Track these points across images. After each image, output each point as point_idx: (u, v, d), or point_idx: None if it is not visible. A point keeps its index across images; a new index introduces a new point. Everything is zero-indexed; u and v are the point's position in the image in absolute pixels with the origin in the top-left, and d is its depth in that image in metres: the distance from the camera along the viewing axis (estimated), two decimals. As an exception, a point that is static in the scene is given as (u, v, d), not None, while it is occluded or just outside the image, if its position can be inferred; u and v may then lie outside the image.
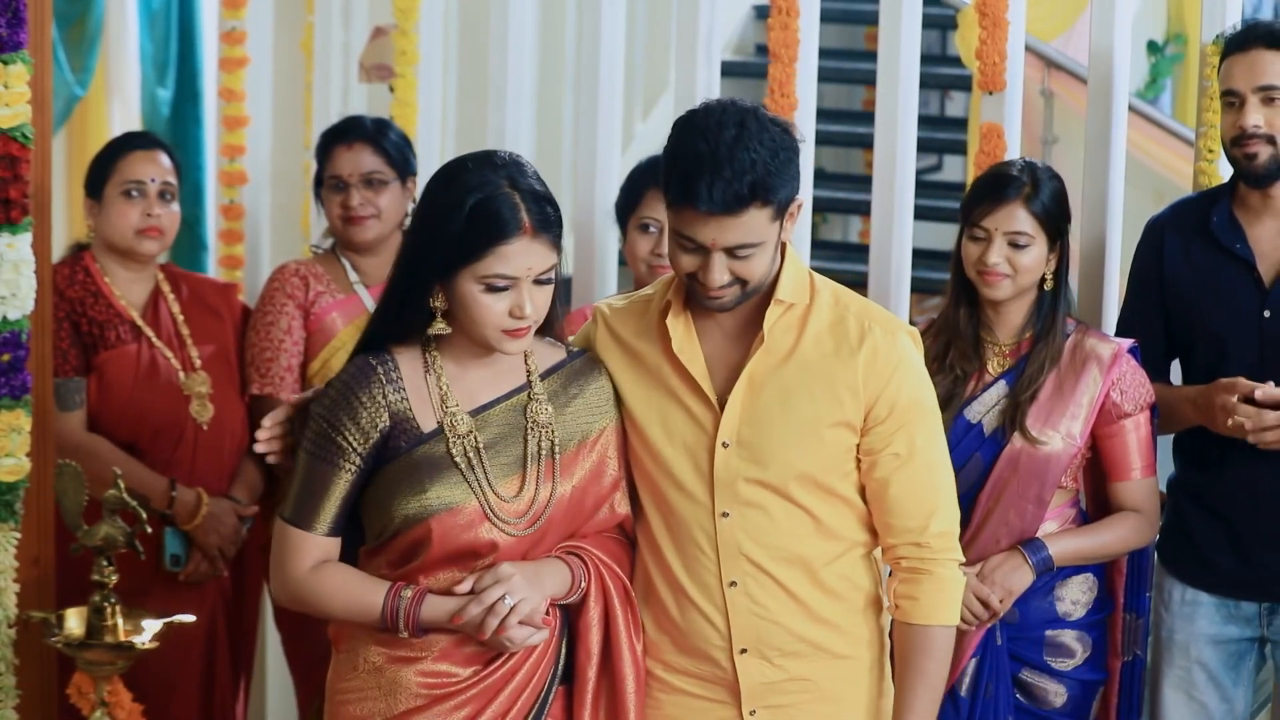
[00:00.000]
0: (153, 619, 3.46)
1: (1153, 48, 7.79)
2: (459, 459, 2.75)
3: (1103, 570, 3.46)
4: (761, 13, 7.35)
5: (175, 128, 5.31)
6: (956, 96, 8.13)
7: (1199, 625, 3.50)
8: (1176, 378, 3.61)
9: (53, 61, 3.71)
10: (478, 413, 2.79)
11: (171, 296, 4.08)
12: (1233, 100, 3.41)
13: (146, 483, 3.85)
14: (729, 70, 5.77)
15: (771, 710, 2.85)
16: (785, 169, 2.70)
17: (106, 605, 3.40)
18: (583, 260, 4.34)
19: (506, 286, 2.70)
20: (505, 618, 2.69)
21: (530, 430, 2.80)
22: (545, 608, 2.75)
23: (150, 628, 3.44)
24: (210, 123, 5.28)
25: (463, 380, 2.80)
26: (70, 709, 3.60)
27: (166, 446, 3.97)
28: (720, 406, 2.81)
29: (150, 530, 3.47)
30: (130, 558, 3.49)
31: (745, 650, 2.83)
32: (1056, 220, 3.37)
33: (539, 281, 2.72)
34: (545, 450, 2.80)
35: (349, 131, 4.10)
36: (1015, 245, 3.34)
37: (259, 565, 4.18)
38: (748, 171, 2.66)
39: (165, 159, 4.05)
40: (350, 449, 2.75)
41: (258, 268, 5.09)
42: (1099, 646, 3.44)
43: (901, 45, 3.98)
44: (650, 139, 6.46)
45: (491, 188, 2.70)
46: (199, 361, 4.03)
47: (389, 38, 4.86)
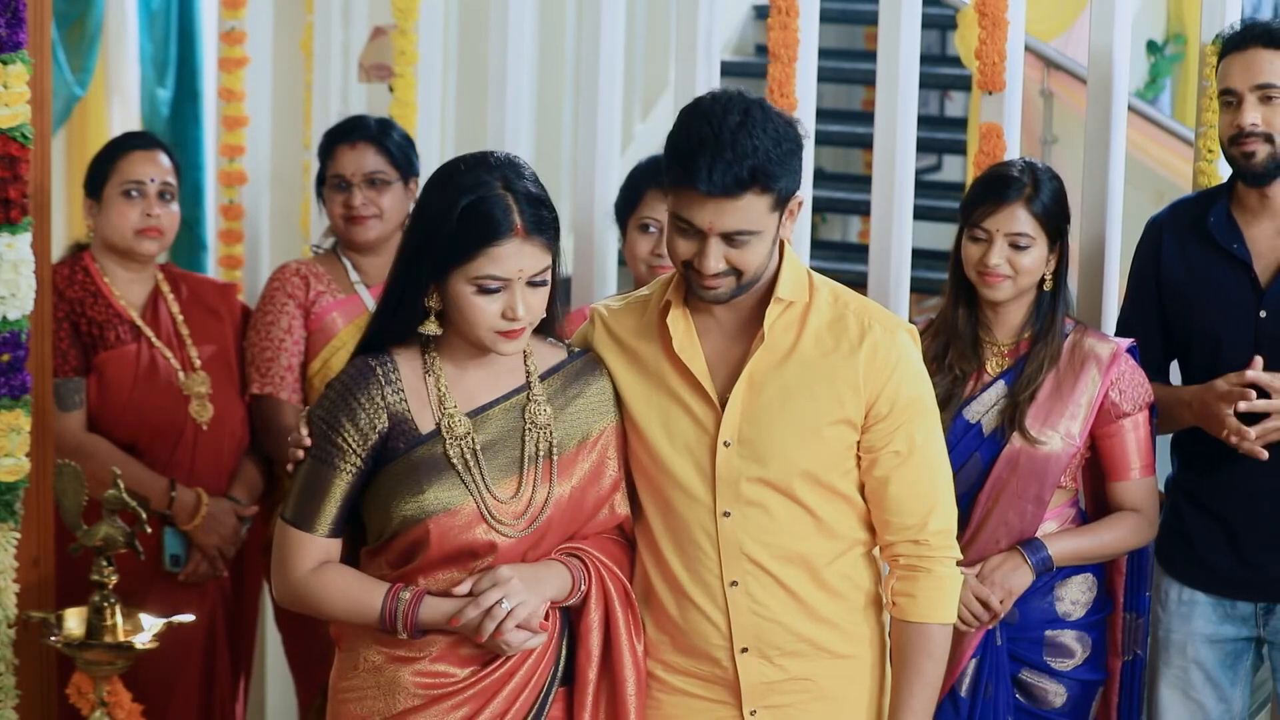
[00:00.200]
0: (152, 619, 3.46)
1: (1152, 47, 7.79)
2: (456, 460, 2.75)
3: (1102, 570, 3.46)
4: (761, 13, 7.35)
5: (175, 128, 5.32)
6: (956, 96, 8.14)
7: (1195, 625, 3.50)
8: (1176, 377, 3.61)
9: (52, 61, 3.71)
10: (477, 413, 2.79)
11: (171, 296, 4.08)
12: (1230, 99, 3.42)
13: (146, 483, 3.86)
14: (729, 70, 5.76)
15: (772, 710, 2.85)
16: (787, 160, 2.71)
17: (106, 605, 3.41)
18: (582, 260, 4.34)
19: (498, 288, 2.70)
20: (502, 621, 2.69)
21: (528, 431, 2.80)
22: (544, 611, 2.75)
23: (150, 628, 3.44)
24: (210, 123, 5.29)
25: (462, 381, 2.80)
26: (70, 709, 3.60)
27: (166, 446, 3.98)
28: (721, 406, 2.82)
29: (150, 530, 3.47)
30: (130, 558, 3.49)
31: (746, 650, 2.83)
32: (1057, 221, 3.37)
33: (532, 283, 2.72)
34: (543, 451, 2.80)
35: (352, 131, 4.10)
36: (1016, 246, 3.34)
37: (259, 565, 4.18)
38: (749, 156, 2.67)
39: (165, 159, 4.05)
40: (350, 450, 2.75)
41: (257, 268, 5.09)
42: (1098, 646, 3.44)
43: (901, 45, 3.98)
44: (650, 139, 6.46)
45: (484, 189, 2.70)
46: (198, 361, 4.03)
47: (388, 38, 4.86)
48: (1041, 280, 3.38)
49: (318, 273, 4.08)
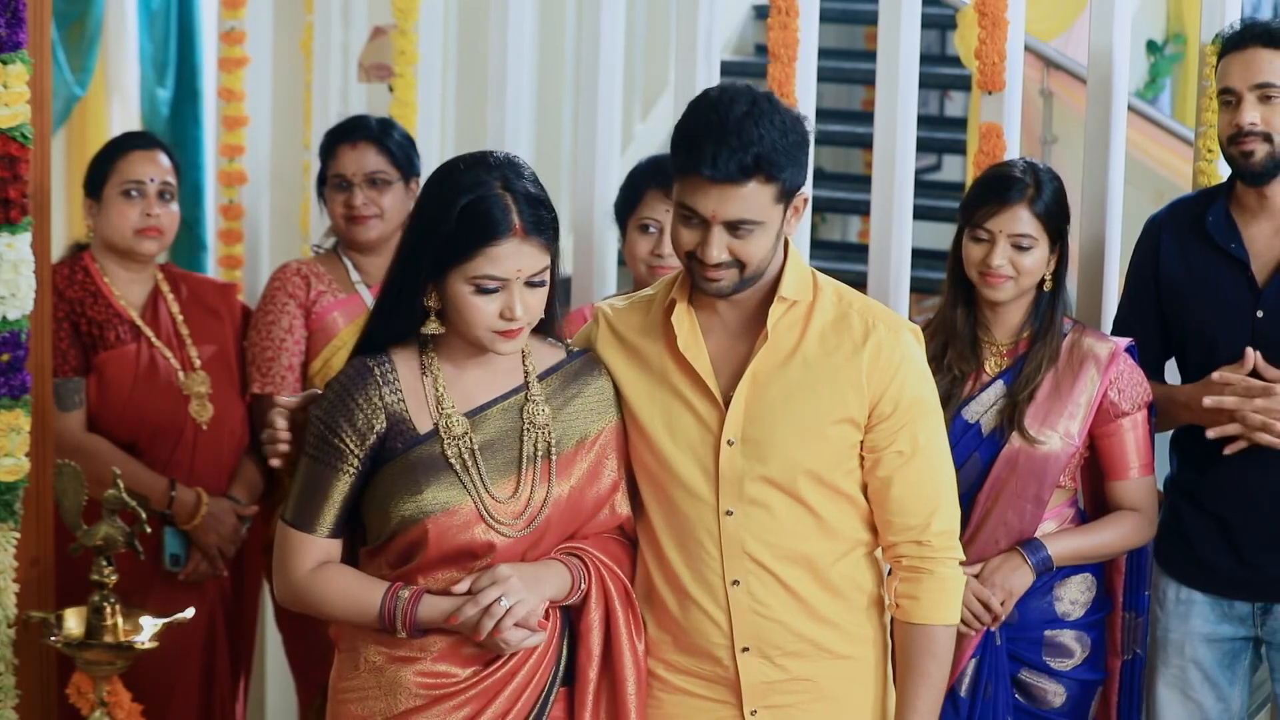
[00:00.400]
0: (152, 619, 3.46)
1: (1152, 47, 7.79)
2: (454, 460, 2.75)
3: (1101, 570, 3.46)
4: (761, 13, 7.35)
5: (174, 127, 5.32)
6: (956, 96, 8.13)
7: (1193, 624, 3.50)
8: (1173, 375, 3.61)
9: (52, 61, 3.70)
10: (475, 413, 2.79)
11: (171, 296, 4.08)
12: (1230, 99, 3.42)
13: (146, 483, 3.86)
14: (729, 70, 5.76)
15: (773, 710, 2.84)
16: (793, 152, 2.71)
17: (106, 605, 3.40)
18: (582, 260, 4.34)
19: (497, 288, 2.70)
20: (501, 620, 2.69)
21: (526, 431, 2.79)
22: (543, 610, 2.74)
23: (149, 627, 3.44)
24: (209, 122, 5.29)
25: (460, 381, 2.80)
26: (69, 709, 3.60)
27: (166, 446, 3.98)
28: (724, 404, 2.82)
29: (149, 530, 3.47)
30: (130, 557, 3.49)
31: (747, 649, 2.82)
32: (1058, 221, 3.37)
33: (530, 283, 2.72)
34: (541, 451, 2.79)
35: (353, 131, 4.10)
36: (1019, 247, 3.33)
37: (259, 565, 4.18)
38: (755, 144, 2.68)
39: (164, 159, 4.05)
40: (348, 451, 2.75)
41: (257, 268, 5.09)
42: (1098, 646, 3.44)
43: (901, 45, 3.98)
44: (650, 139, 6.47)
45: (483, 188, 2.70)
46: (198, 361, 4.03)
47: (388, 37, 4.86)
48: (1041, 280, 3.38)
49: (319, 272, 4.08)
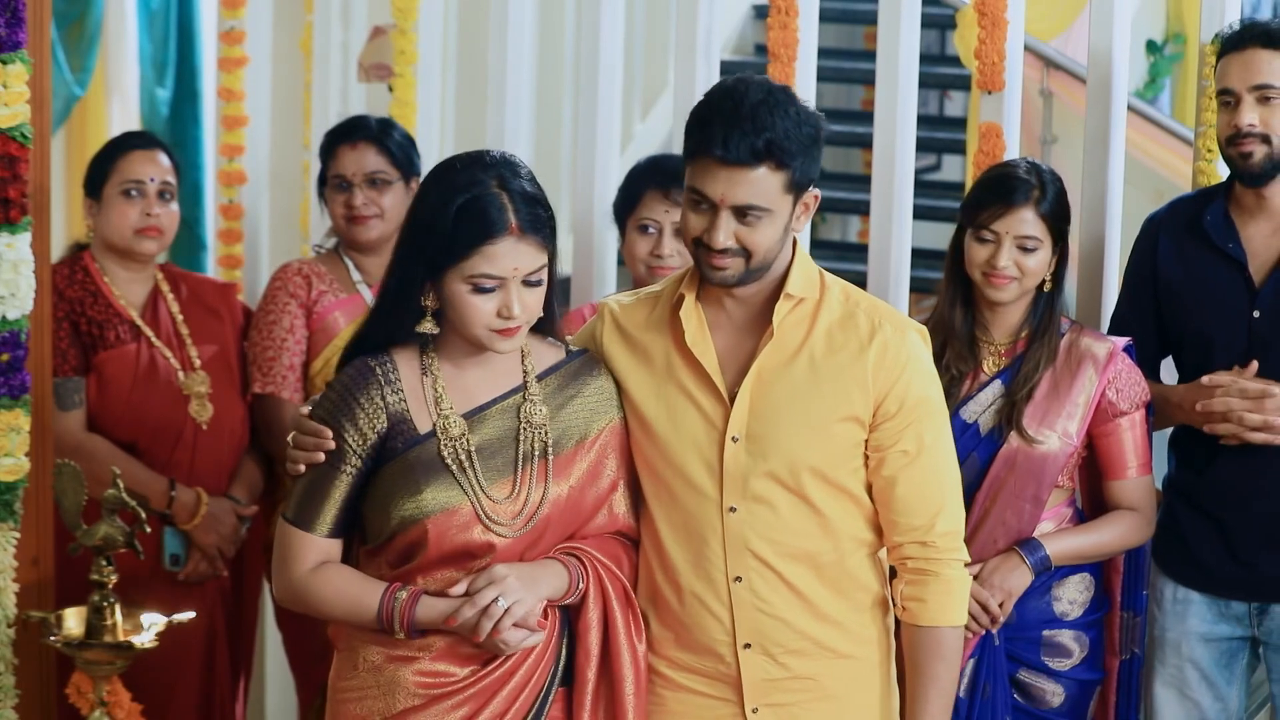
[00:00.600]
0: (152, 619, 3.46)
1: (1152, 47, 7.79)
2: (450, 461, 2.75)
3: (1099, 569, 3.46)
4: (761, 12, 7.35)
5: (174, 127, 5.32)
6: (956, 96, 8.13)
7: (1190, 624, 3.50)
8: (1169, 375, 3.61)
9: (52, 61, 3.71)
10: (474, 414, 2.79)
11: (171, 296, 4.08)
12: (1228, 99, 3.42)
13: (145, 482, 3.86)
14: (728, 70, 5.71)
15: (774, 708, 2.84)
16: (806, 144, 2.73)
17: (105, 605, 3.41)
18: (581, 260, 4.34)
19: (494, 287, 2.70)
20: (499, 620, 2.69)
21: (524, 431, 2.79)
22: (541, 610, 2.74)
23: (149, 627, 3.44)
24: (209, 122, 5.29)
25: (460, 381, 2.80)
26: (69, 709, 3.60)
27: (165, 446, 3.98)
28: (730, 401, 2.82)
29: (149, 530, 3.47)
30: (129, 557, 3.49)
31: (749, 646, 2.82)
32: (1061, 222, 3.37)
33: (528, 282, 2.72)
34: (538, 451, 2.79)
35: (353, 131, 4.10)
36: (1024, 249, 3.33)
37: (259, 565, 4.18)
38: (767, 129, 2.69)
39: (164, 158, 4.05)
40: (350, 451, 2.75)
41: (257, 267, 5.10)
42: (1096, 646, 3.44)
43: (901, 45, 3.98)
44: (650, 139, 6.47)
45: (479, 187, 2.70)
46: (198, 361, 4.03)
47: (388, 37, 4.86)
48: (1041, 280, 3.38)
49: (320, 272, 4.09)
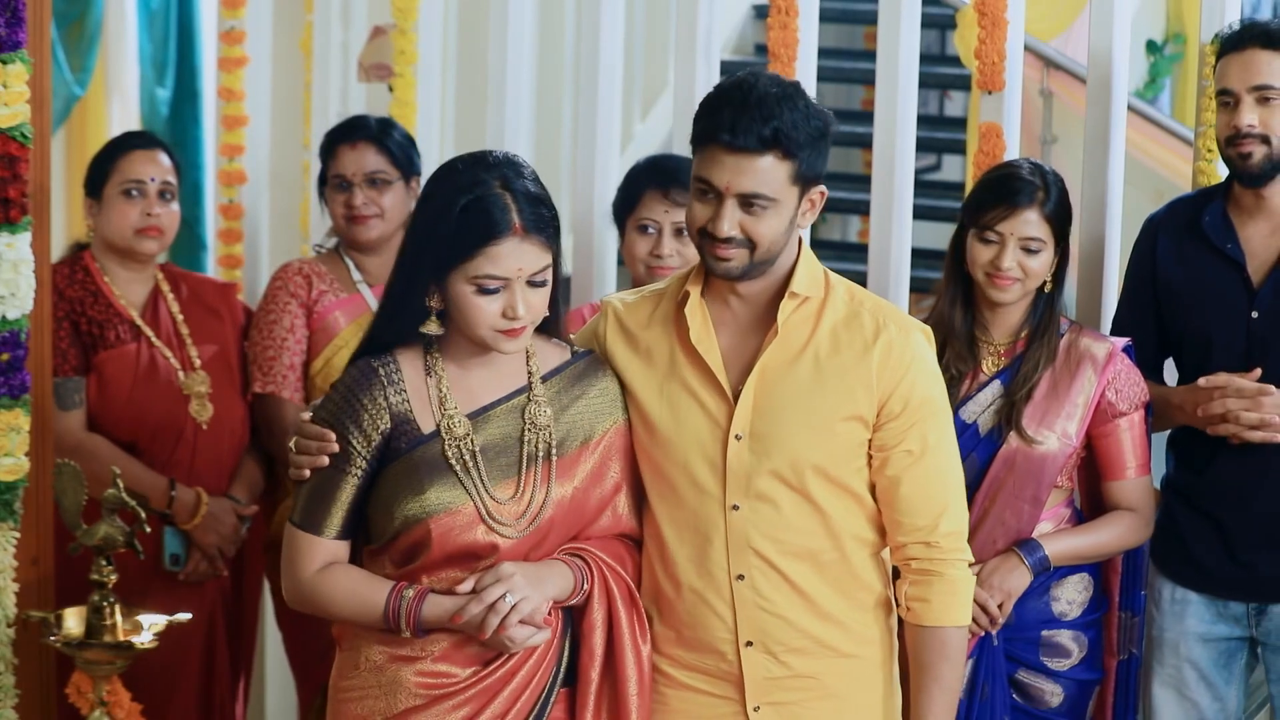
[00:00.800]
0: (152, 618, 3.46)
1: (1152, 47, 7.79)
2: (454, 461, 2.75)
3: (1098, 570, 3.46)
4: (761, 12, 7.35)
5: (174, 127, 5.32)
6: (956, 96, 8.13)
7: (1189, 624, 3.50)
8: (1172, 376, 3.62)
9: (52, 61, 3.71)
10: (478, 414, 2.79)
11: (171, 296, 4.08)
12: (1228, 100, 3.41)
13: (146, 482, 3.86)
14: (728, 70, 5.72)
15: (776, 707, 2.84)
16: (814, 137, 2.73)
17: (105, 605, 3.41)
18: (581, 260, 4.35)
19: (498, 288, 2.70)
20: (506, 617, 2.69)
21: (528, 432, 2.79)
22: (546, 608, 2.74)
23: (149, 627, 3.44)
24: (209, 122, 5.29)
25: (464, 382, 2.80)
26: (69, 709, 3.60)
27: (166, 446, 3.98)
28: (734, 399, 2.82)
29: (149, 530, 3.47)
30: (130, 557, 3.49)
31: (750, 644, 2.82)
32: (1064, 224, 3.37)
33: (532, 283, 2.72)
34: (542, 452, 2.79)
35: (353, 131, 4.10)
36: (1027, 250, 3.33)
37: (259, 564, 4.19)
38: (775, 118, 2.69)
39: (165, 158, 4.05)
40: (355, 452, 2.75)
41: (257, 267, 5.10)
42: (1095, 646, 3.44)
43: (901, 45, 3.98)
44: (650, 139, 6.47)
45: (482, 188, 2.70)
46: (198, 361, 4.03)
47: (388, 37, 4.86)
48: (1042, 281, 3.38)
49: (320, 272, 4.09)
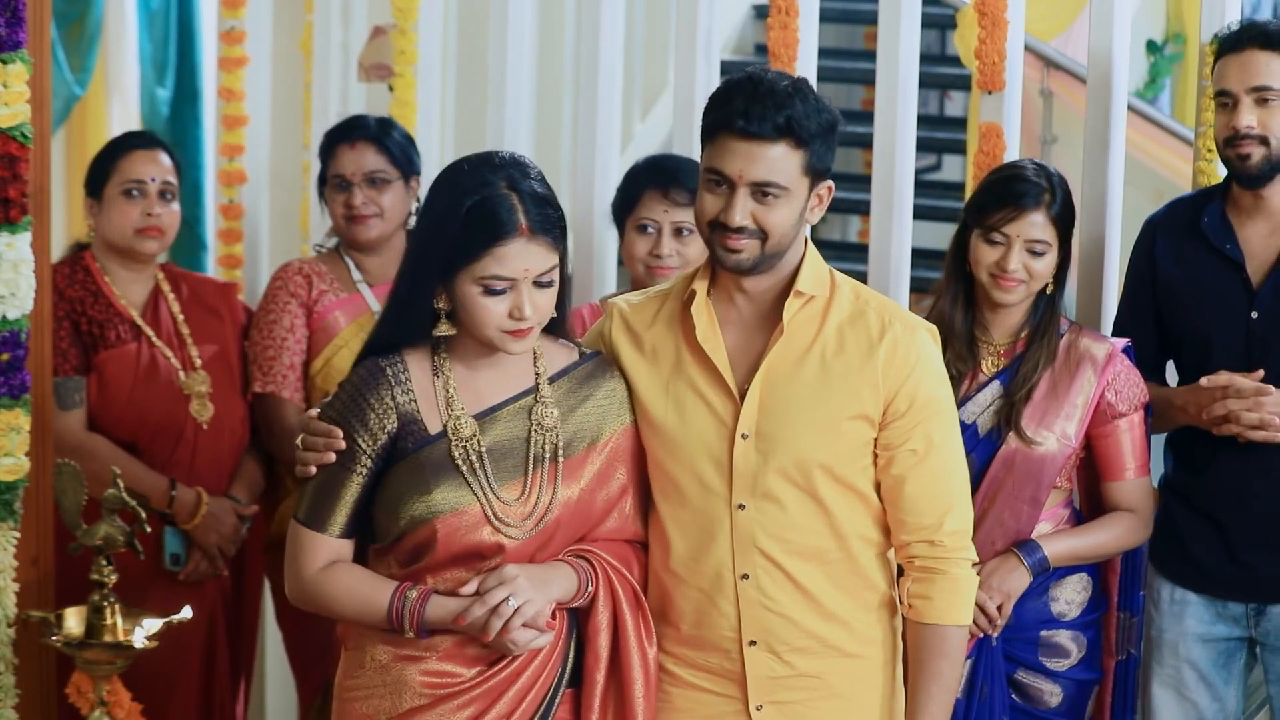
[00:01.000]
0: (152, 618, 3.46)
1: (1152, 47, 7.79)
2: (461, 462, 2.75)
3: (1097, 570, 3.46)
4: (761, 12, 7.35)
5: (174, 127, 5.32)
6: (956, 96, 8.12)
7: (1188, 624, 3.50)
8: (1174, 377, 3.62)
9: (52, 61, 3.71)
10: (485, 415, 2.79)
11: (171, 296, 4.08)
12: (1226, 101, 3.41)
13: (146, 482, 3.86)
14: (728, 70, 5.71)
15: (779, 706, 2.84)
16: (824, 129, 2.75)
17: (105, 605, 3.41)
18: (581, 260, 4.35)
19: (505, 288, 2.70)
20: (509, 619, 2.69)
21: (534, 433, 2.79)
22: (550, 611, 2.74)
23: (149, 627, 3.44)
24: (209, 122, 5.29)
25: (471, 382, 2.80)
26: (69, 709, 3.60)
27: (166, 446, 3.98)
28: (740, 398, 2.82)
29: (150, 530, 3.48)
30: (130, 557, 3.49)
31: (754, 643, 2.82)
32: (1069, 225, 3.38)
33: (539, 283, 2.72)
34: (549, 454, 2.79)
35: (352, 131, 4.10)
36: (1033, 252, 3.33)
37: (259, 564, 4.19)
38: (787, 108, 2.71)
39: (165, 158, 4.05)
40: (361, 451, 2.75)
41: (257, 267, 5.10)
42: (1094, 646, 3.44)
43: (901, 45, 3.98)
44: (650, 139, 6.46)
45: (489, 189, 2.70)
46: (199, 361, 4.03)
47: (388, 37, 4.86)
48: (1046, 282, 3.38)
49: (320, 271, 4.09)
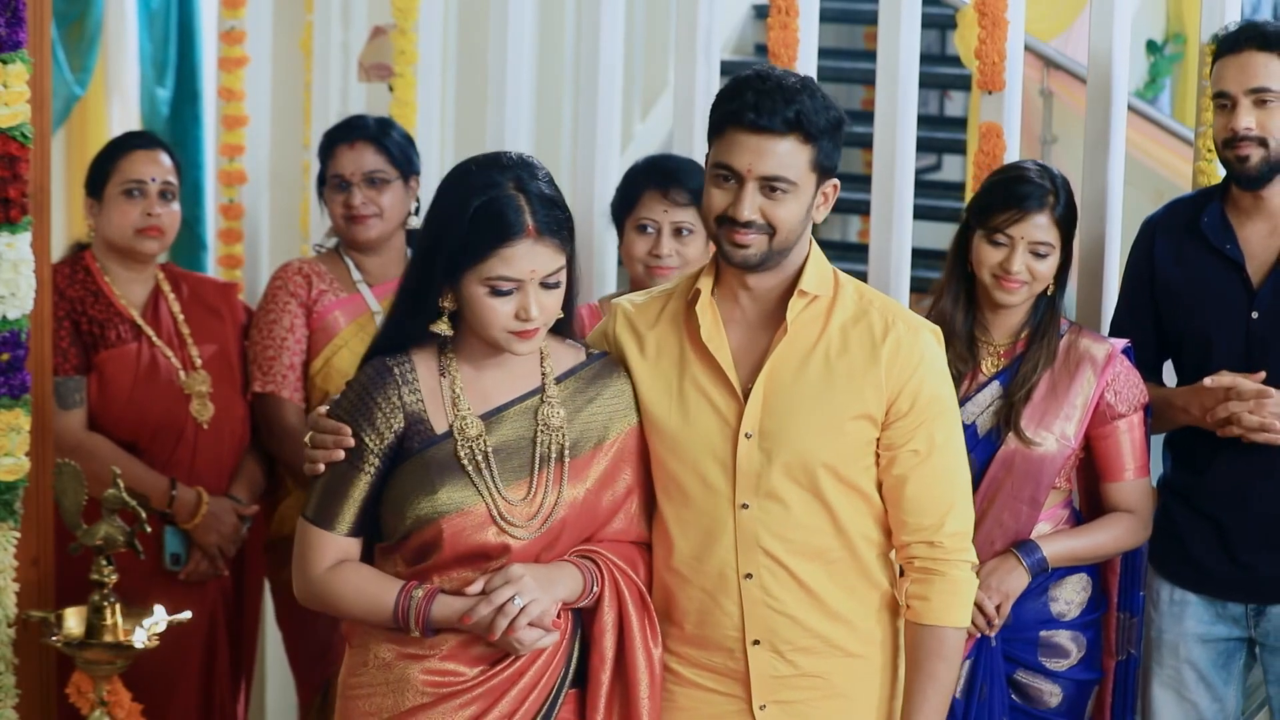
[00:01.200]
0: (152, 618, 3.46)
1: (1152, 47, 7.79)
2: (466, 462, 2.75)
3: (1096, 570, 3.46)
4: (761, 12, 7.35)
5: (174, 127, 5.32)
6: (956, 96, 8.12)
7: (1187, 625, 3.50)
8: (1170, 377, 3.61)
9: (52, 61, 3.71)
10: (491, 415, 2.79)
11: (172, 296, 4.08)
12: (1225, 102, 3.41)
13: (146, 482, 3.86)
14: (728, 70, 5.71)
15: (782, 705, 2.85)
16: (832, 126, 2.77)
17: (106, 605, 3.41)
18: (581, 260, 4.29)
19: (511, 289, 2.70)
20: (515, 619, 2.69)
21: (540, 433, 2.79)
22: (555, 610, 2.75)
23: (149, 627, 3.44)
24: (209, 122, 5.29)
25: (478, 382, 2.80)
26: (70, 708, 3.60)
27: (166, 446, 3.98)
28: (743, 397, 2.82)
29: (150, 530, 3.48)
30: (130, 557, 3.49)
31: (758, 642, 2.83)
32: (1071, 227, 3.38)
33: (546, 284, 2.72)
34: (555, 454, 2.79)
35: (351, 131, 4.10)
36: (1036, 254, 3.33)
37: (260, 564, 4.19)
38: (796, 103, 2.73)
39: (166, 158, 4.05)
40: (369, 450, 2.76)
41: (257, 267, 5.10)
42: (1093, 646, 3.44)
43: (901, 45, 3.98)
44: (650, 139, 6.47)
45: (496, 189, 2.70)
46: (199, 361, 4.03)
47: (388, 37, 4.86)
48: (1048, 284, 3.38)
49: (320, 271, 4.09)
